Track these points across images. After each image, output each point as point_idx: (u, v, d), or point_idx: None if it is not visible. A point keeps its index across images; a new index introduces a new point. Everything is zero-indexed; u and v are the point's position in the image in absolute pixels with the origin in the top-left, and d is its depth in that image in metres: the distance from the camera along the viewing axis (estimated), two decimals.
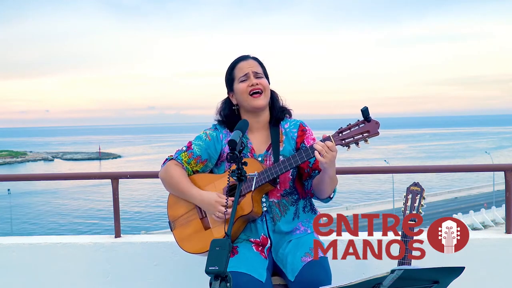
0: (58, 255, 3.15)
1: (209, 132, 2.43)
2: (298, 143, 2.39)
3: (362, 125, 2.13)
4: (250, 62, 2.37)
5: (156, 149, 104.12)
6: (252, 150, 2.37)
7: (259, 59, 2.42)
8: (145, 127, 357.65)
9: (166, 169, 2.40)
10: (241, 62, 2.38)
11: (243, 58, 2.40)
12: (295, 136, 2.39)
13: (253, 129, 2.40)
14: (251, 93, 2.32)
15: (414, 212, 2.27)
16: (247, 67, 2.35)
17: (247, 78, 2.34)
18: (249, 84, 2.32)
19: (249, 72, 2.34)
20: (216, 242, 1.63)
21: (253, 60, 2.39)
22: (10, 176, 11.78)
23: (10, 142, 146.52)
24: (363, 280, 1.57)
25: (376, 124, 2.11)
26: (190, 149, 2.39)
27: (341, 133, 2.16)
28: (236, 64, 2.39)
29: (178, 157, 2.39)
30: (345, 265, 2.55)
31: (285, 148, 2.36)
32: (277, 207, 2.34)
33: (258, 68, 2.38)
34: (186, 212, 2.38)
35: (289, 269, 2.20)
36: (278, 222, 2.32)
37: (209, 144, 2.38)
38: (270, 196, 2.33)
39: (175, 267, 3.05)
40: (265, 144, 2.39)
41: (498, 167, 3.40)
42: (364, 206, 39.66)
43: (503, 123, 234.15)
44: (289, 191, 2.37)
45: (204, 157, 2.39)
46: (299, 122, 2.44)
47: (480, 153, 71.28)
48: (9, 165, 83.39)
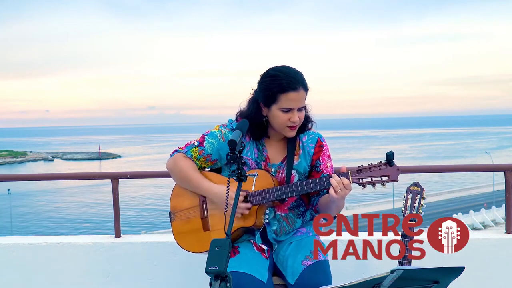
0: (58, 255, 3.15)
1: (224, 132, 2.33)
2: (314, 160, 2.34)
3: (384, 167, 2.10)
4: (300, 95, 2.17)
5: (156, 149, 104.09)
6: (267, 159, 2.32)
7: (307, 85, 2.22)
8: (145, 127, 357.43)
9: (175, 161, 2.34)
10: (292, 93, 2.15)
11: (295, 88, 2.15)
12: (311, 152, 2.33)
13: (271, 138, 2.34)
14: (288, 126, 2.21)
15: (414, 212, 2.27)
16: (295, 101, 2.16)
17: (291, 111, 2.18)
18: (290, 119, 2.18)
19: (295, 107, 2.18)
20: (216, 242, 1.63)
21: (303, 91, 2.18)
22: (10, 176, 11.77)
23: (10, 142, 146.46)
24: (363, 280, 1.57)
25: (397, 170, 2.09)
26: (202, 146, 2.32)
27: (360, 171, 2.13)
28: (287, 92, 2.14)
29: (188, 152, 2.33)
30: (345, 265, 2.55)
31: (300, 163, 2.32)
32: (285, 221, 2.33)
33: (304, 99, 2.21)
34: (189, 207, 2.35)
35: (289, 272, 2.19)
36: (282, 236, 2.32)
37: (222, 145, 2.31)
38: (278, 210, 2.32)
39: (175, 267, 3.05)
40: (280, 155, 2.33)
41: (498, 167, 3.40)
42: (364, 206, 39.63)
43: (503, 123, 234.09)
44: (296, 204, 2.35)
45: (215, 157, 2.34)
46: (317, 136, 2.35)
47: (480, 153, 71.25)
48: (9, 165, 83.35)
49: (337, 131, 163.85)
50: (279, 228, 2.32)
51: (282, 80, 2.15)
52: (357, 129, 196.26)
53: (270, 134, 2.33)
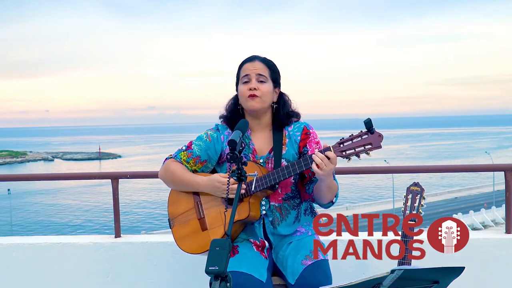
0: (58, 255, 3.15)
1: (210, 133, 2.41)
2: (301, 147, 2.36)
3: (365, 136, 2.08)
4: (255, 64, 2.33)
5: (156, 149, 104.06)
6: (254, 152, 2.35)
7: (269, 61, 2.37)
8: (145, 127, 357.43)
9: (165, 167, 2.39)
10: (247, 64, 2.34)
11: (250, 60, 2.35)
12: (298, 139, 2.36)
13: (255, 130, 2.39)
14: (248, 96, 2.30)
15: (414, 212, 2.27)
16: (251, 69, 2.32)
17: (249, 80, 2.31)
18: (249, 88, 2.30)
19: (251, 74, 2.31)
20: (216, 242, 1.63)
21: (259, 62, 2.34)
22: (10, 176, 11.77)
23: (10, 142, 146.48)
24: (363, 280, 1.57)
25: (379, 137, 2.07)
26: (190, 149, 2.38)
27: (342, 144, 2.12)
28: (243, 65, 2.36)
29: (177, 156, 2.39)
30: (345, 265, 2.55)
31: (288, 151, 2.34)
32: (278, 211, 2.33)
33: (264, 70, 2.32)
34: (185, 211, 2.37)
35: (289, 272, 2.19)
36: (278, 227, 2.32)
37: (209, 145, 2.37)
38: (271, 200, 2.32)
39: (175, 267, 3.05)
40: (267, 146, 2.36)
41: (498, 167, 3.40)
42: (364, 206, 39.61)
43: (503, 123, 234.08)
44: (291, 195, 2.36)
45: (204, 158, 2.38)
46: (303, 124, 2.39)
47: (480, 153, 71.27)
48: (9, 165, 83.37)
49: (337, 131, 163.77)
50: (273, 219, 2.32)
51: (242, 61, 2.39)
52: (357, 129, 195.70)
53: (253, 126, 2.37)
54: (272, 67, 2.36)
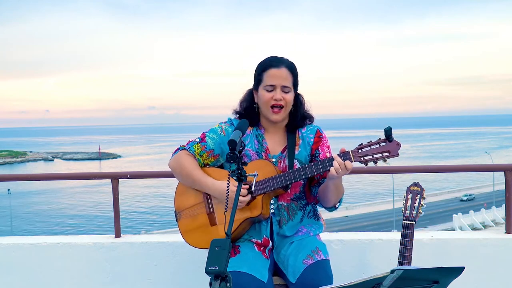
0: (58, 255, 3.15)
1: (224, 127, 2.39)
2: (313, 150, 2.37)
3: (383, 144, 2.11)
4: (282, 72, 2.27)
5: (156, 149, 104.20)
6: (267, 150, 2.35)
7: (293, 66, 2.32)
8: (145, 127, 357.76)
9: (177, 159, 2.36)
10: (273, 70, 2.27)
11: (277, 65, 2.28)
12: (311, 142, 2.37)
13: (269, 130, 2.38)
14: (272, 106, 2.27)
15: (414, 212, 2.28)
16: (277, 77, 2.26)
17: (273, 89, 2.26)
18: (273, 97, 2.26)
19: (277, 85, 2.26)
20: (216, 242, 1.63)
21: (285, 70, 2.28)
22: (10, 176, 11.77)
23: (10, 142, 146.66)
24: (363, 280, 1.57)
25: (397, 145, 2.10)
26: (204, 142, 2.35)
27: (361, 150, 2.14)
28: (268, 69, 2.28)
29: (190, 148, 2.36)
30: (345, 265, 2.55)
31: (301, 152, 2.35)
32: (286, 211, 2.33)
33: (288, 79, 2.28)
34: (194, 204, 2.35)
35: (291, 271, 2.20)
36: (284, 226, 2.32)
37: (223, 139, 2.35)
38: (280, 199, 2.32)
39: (175, 267, 3.05)
40: (280, 146, 2.36)
41: (498, 167, 3.40)
42: (364, 206, 39.68)
43: (503, 123, 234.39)
44: (298, 195, 2.36)
45: (217, 152, 2.36)
46: (316, 127, 2.40)
47: (481, 153, 71.32)
48: (9, 165, 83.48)
49: (337, 131, 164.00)
50: (281, 218, 2.32)
51: (265, 60, 2.32)
52: (357, 129, 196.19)
53: (267, 127, 2.37)
54: (295, 72, 2.33)
